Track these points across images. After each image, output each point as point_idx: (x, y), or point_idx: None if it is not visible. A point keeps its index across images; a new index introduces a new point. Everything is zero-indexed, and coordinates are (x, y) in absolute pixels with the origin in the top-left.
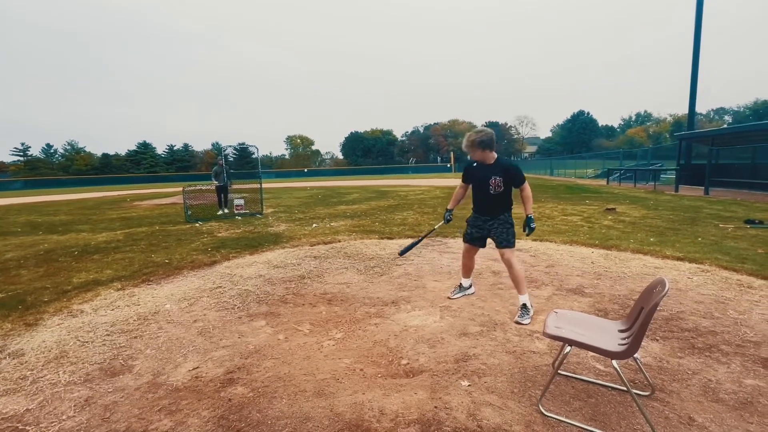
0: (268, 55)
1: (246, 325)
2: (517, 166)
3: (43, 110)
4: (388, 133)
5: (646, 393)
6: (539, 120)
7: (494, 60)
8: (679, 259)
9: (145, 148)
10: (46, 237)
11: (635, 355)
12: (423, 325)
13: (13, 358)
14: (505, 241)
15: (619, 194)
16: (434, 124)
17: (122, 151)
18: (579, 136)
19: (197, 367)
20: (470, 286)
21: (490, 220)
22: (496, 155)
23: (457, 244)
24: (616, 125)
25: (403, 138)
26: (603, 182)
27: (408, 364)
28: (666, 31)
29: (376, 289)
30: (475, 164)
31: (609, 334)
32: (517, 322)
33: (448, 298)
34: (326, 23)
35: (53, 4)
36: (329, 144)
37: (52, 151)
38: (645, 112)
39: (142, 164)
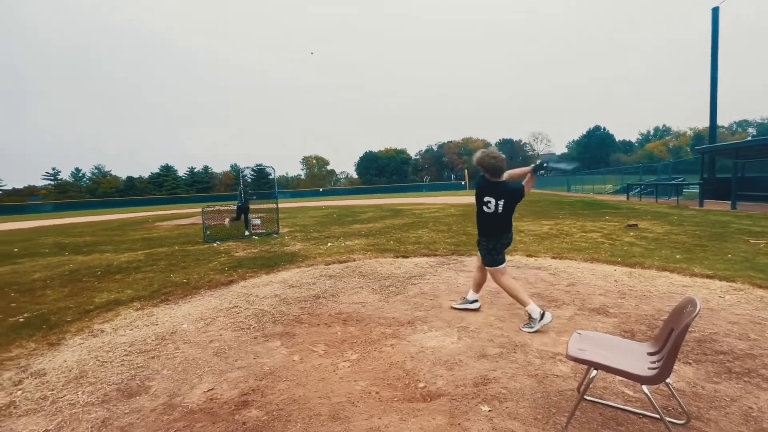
0: (284, 77)
1: (261, 345)
2: (512, 186)
3: (72, 135)
4: (402, 152)
5: (681, 421)
6: (554, 136)
7: (506, 75)
8: (708, 276)
9: (167, 170)
10: (71, 258)
11: (667, 380)
12: (440, 346)
13: (36, 378)
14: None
15: (641, 210)
16: (448, 142)
17: (146, 174)
18: (596, 151)
19: (212, 389)
20: (475, 301)
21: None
22: (494, 180)
23: (474, 263)
24: (633, 140)
25: (417, 156)
26: (623, 198)
27: (425, 387)
28: (682, 42)
29: (392, 308)
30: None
31: (637, 357)
32: (521, 330)
33: (451, 307)
34: (340, 41)
35: (78, 29)
36: (344, 164)
37: (80, 174)
38: (664, 126)
39: (164, 186)
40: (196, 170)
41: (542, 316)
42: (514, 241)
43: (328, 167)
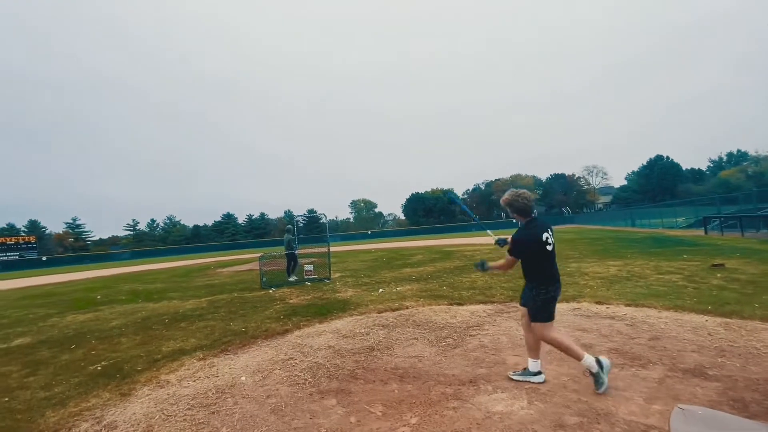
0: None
1: (317, 403)
2: (516, 235)
3: (148, 191)
4: (449, 191)
5: None
6: (610, 168)
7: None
8: None
9: (228, 218)
10: (144, 305)
11: None
12: (509, 411)
13: (109, 431)
14: (531, 314)
15: (724, 246)
16: (496, 180)
17: (210, 222)
18: (660, 182)
19: None
20: (538, 373)
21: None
22: (524, 220)
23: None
24: (703, 168)
25: (465, 196)
26: (699, 232)
27: None
28: (749, 59)
29: (450, 364)
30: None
31: None
32: (508, 376)
33: (508, 377)
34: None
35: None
36: (391, 206)
37: (155, 225)
38: (738, 151)
39: (225, 233)
40: (253, 217)
41: (601, 364)
42: (579, 286)
43: (376, 209)
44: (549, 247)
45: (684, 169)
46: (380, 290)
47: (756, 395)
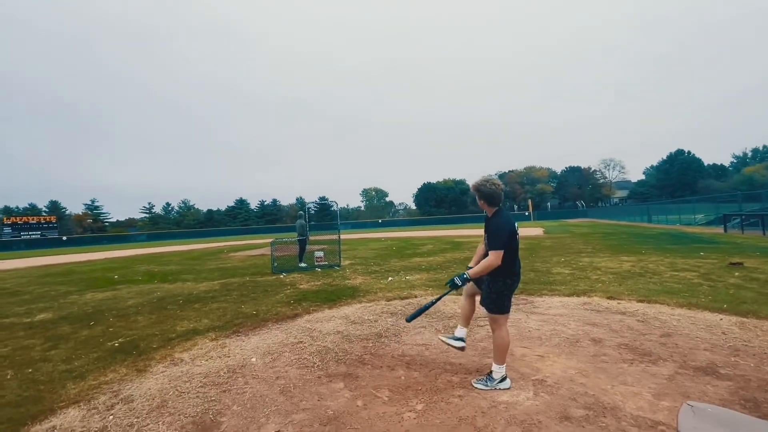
0: (347, 110)
1: (325, 386)
2: (496, 228)
3: (164, 175)
4: (461, 182)
5: None
6: (628, 162)
7: (571, 98)
8: None
9: (241, 204)
10: (159, 286)
11: None
12: (514, 402)
13: (125, 404)
14: (484, 301)
15: (744, 244)
16: (509, 171)
17: (223, 207)
18: (680, 177)
19: (279, 431)
20: (460, 339)
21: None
22: (494, 209)
23: (546, 304)
24: (727, 163)
25: None
26: (719, 230)
27: None
28: None
29: (458, 353)
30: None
31: None
32: (471, 383)
33: (439, 338)
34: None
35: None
36: (402, 195)
37: (170, 208)
38: (765, 147)
39: (237, 218)
40: (265, 203)
41: (503, 379)
42: (591, 281)
43: (387, 198)
44: (517, 241)
45: (706, 164)
46: (389, 278)
47: None
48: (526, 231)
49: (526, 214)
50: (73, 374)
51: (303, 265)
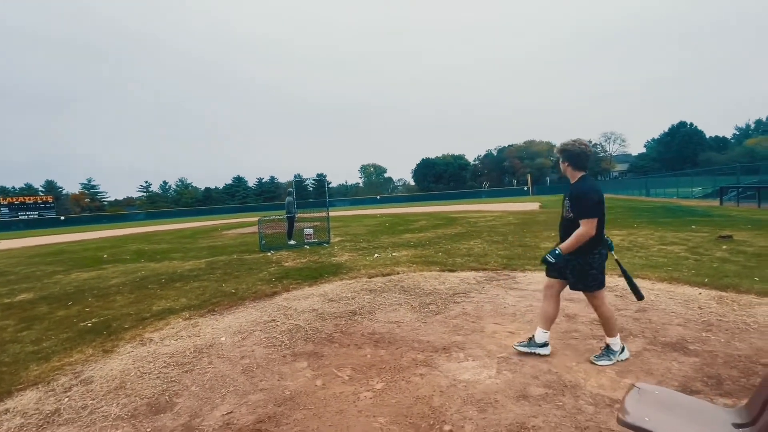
0: (344, 88)
1: (288, 365)
2: (585, 194)
3: (161, 154)
4: (460, 157)
5: None
6: (630, 135)
7: (575, 70)
8: None
9: (238, 181)
10: (145, 264)
11: None
12: (475, 380)
13: (84, 386)
14: (579, 284)
15: (738, 217)
16: (509, 146)
17: (220, 185)
18: (681, 150)
19: (231, 412)
20: (545, 344)
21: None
22: (580, 174)
23: (527, 279)
24: (729, 136)
25: (476, 162)
26: (715, 203)
27: (451, 431)
28: None
29: (429, 330)
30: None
31: (718, 430)
32: (591, 361)
33: (514, 347)
34: (397, 53)
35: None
36: (401, 171)
37: (167, 187)
38: None
39: (236, 196)
40: (263, 180)
41: (622, 350)
42: None
43: (386, 174)
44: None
45: (708, 137)
46: (376, 255)
47: (734, 372)
48: (523, 206)
49: (525, 189)
50: (39, 356)
51: (292, 242)
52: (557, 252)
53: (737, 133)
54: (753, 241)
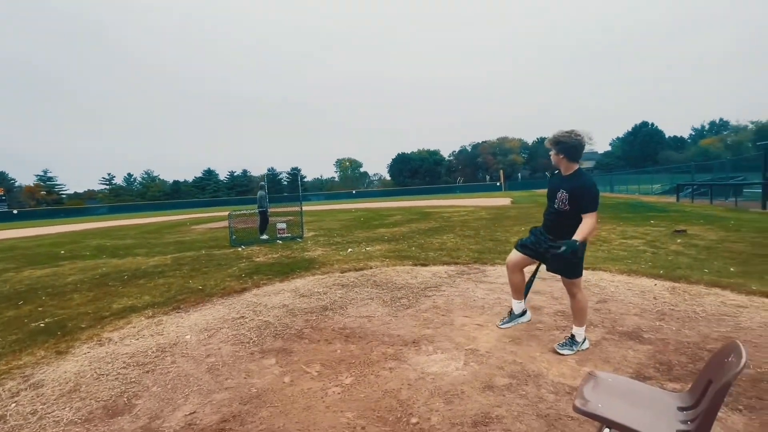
0: (318, 80)
1: (256, 362)
2: (590, 188)
3: (126, 144)
4: (435, 153)
5: None
6: (596, 133)
7: (545, 72)
8: None
9: (209, 174)
10: (107, 261)
11: None
12: (443, 372)
13: (33, 389)
14: (563, 271)
15: (692, 213)
16: (482, 142)
17: (190, 178)
18: (643, 149)
19: (194, 412)
20: (524, 313)
21: (552, 240)
22: (576, 167)
23: (497, 273)
24: (686, 136)
25: (450, 157)
26: (672, 199)
27: (417, 423)
28: (739, 30)
29: (399, 324)
30: (556, 171)
31: (664, 414)
32: (554, 350)
33: (497, 326)
34: (370, 49)
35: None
36: (377, 166)
37: (132, 179)
38: (721, 120)
39: (206, 189)
40: (236, 174)
41: (584, 340)
42: None
43: (362, 169)
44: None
45: (667, 136)
46: (349, 250)
47: (683, 358)
48: (495, 201)
49: (498, 184)
50: None
51: (264, 237)
52: (576, 243)
53: (693, 133)
54: (704, 235)
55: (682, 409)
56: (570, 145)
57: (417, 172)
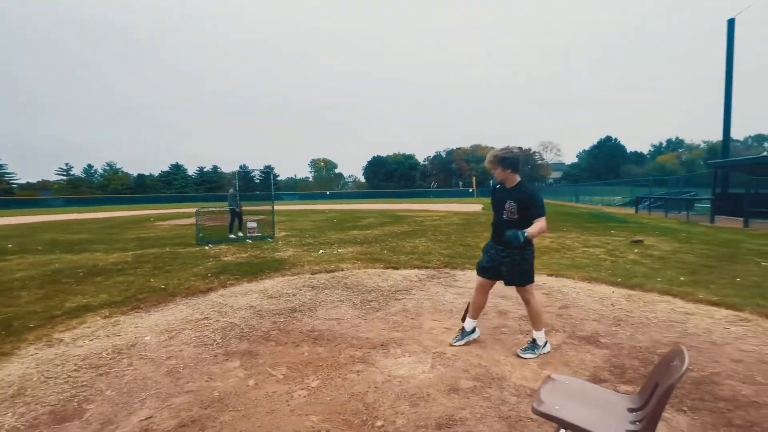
0: (294, 82)
1: (219, 365)
2: (536, 196)
3: (86, 133)
4: (410, 157)
5: None
6: (564, 145)
7: (516, 83)
8: (714, 304)
9: (177, 169)
10: (60, 256)
11: None
12: (409, 375)
13: None
14: (515, 279)
15: (648, 224)
16: (456, 149)
17: (156, 172)
18: (606, 162)
19: (150, 417)
20: (473, 330)
21: (503, 251)
22: (519, 179)
23: (466, 277)
24: (645, 151)
25: (425, 162)
26: (631, 211)
27: (383, 426)
28: (697, 52)
29: (369, 327)
30: (498, 185)
31: (615, 414)
32: (517, 355)
33: (450, 345)
34: (349, 51)
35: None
36: (352, 167)
37: (92, 171)
38: (677, 138)
39: (173, 184)
40: (205, 170)
41: (545, 344)
42: None
43: (336, 170)
44: None
45: (629, 151)
46: (321, 251)
47: (635, 362)
48: (467, 207)
49: (470, 191)
50: None
51: (233, 236)
52: (525, 234)
53: (652, 149)
54: (659, 245)
55: (632, 410)
56: (513, 159)
57: (392, 175)
